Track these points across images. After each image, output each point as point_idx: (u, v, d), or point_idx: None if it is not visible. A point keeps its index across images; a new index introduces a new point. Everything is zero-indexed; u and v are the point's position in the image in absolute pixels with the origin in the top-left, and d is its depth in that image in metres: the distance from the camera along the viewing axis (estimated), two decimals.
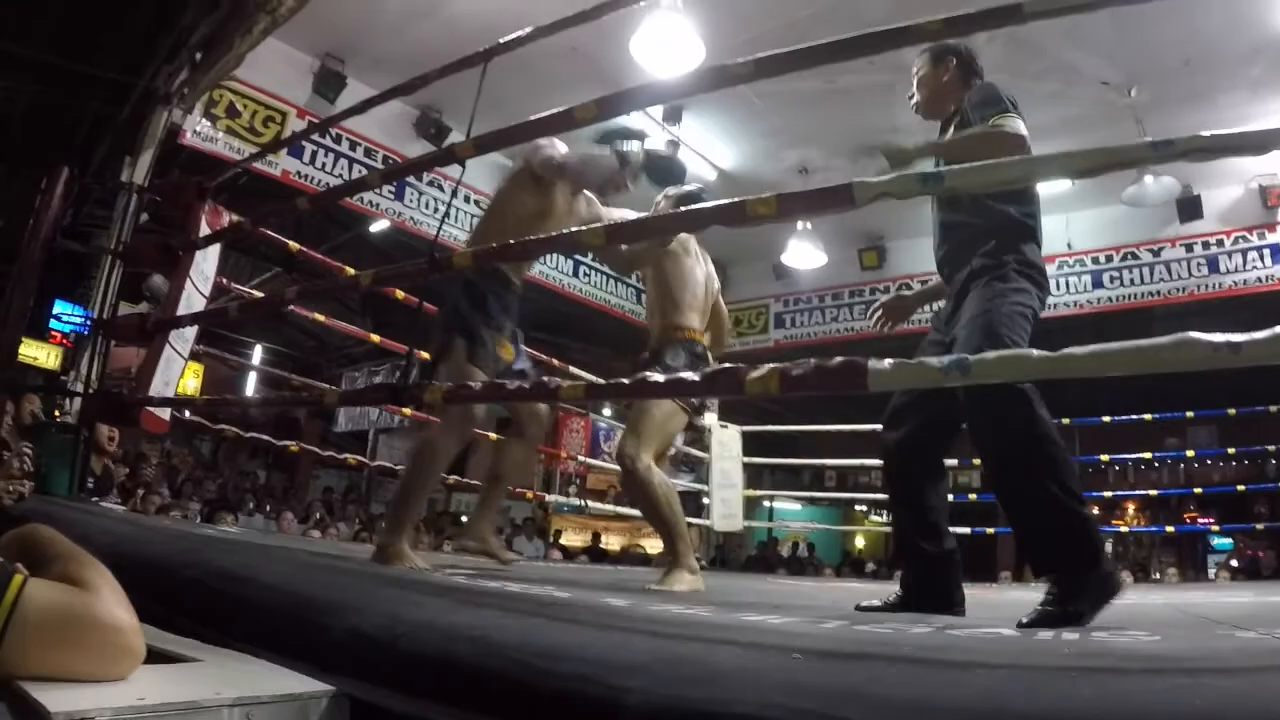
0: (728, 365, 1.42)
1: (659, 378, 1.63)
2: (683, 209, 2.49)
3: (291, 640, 1.18)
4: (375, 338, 5.16)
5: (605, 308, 8.54)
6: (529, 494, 7.16)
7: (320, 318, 5.27)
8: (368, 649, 1.08)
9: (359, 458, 7.23)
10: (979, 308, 2.14)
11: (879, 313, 2.79)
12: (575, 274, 8.25)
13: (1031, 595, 2.21)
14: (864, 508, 13.26)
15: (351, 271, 4.03)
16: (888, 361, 1.20)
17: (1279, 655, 1.28)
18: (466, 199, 7.11)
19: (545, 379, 2.08)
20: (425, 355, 3.04)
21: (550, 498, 8.00)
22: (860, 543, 14.37)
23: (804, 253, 7.84)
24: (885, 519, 13.26)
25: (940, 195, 2.28)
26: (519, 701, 0.92)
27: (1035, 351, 1.15)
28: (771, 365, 1.33)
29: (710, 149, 7.06)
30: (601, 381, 1.84)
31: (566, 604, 1.65)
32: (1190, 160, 1.23)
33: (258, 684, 0.99)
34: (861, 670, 0.97)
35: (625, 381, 1.70)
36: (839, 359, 1.24)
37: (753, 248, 8.55)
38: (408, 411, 4.79)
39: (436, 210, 6.93)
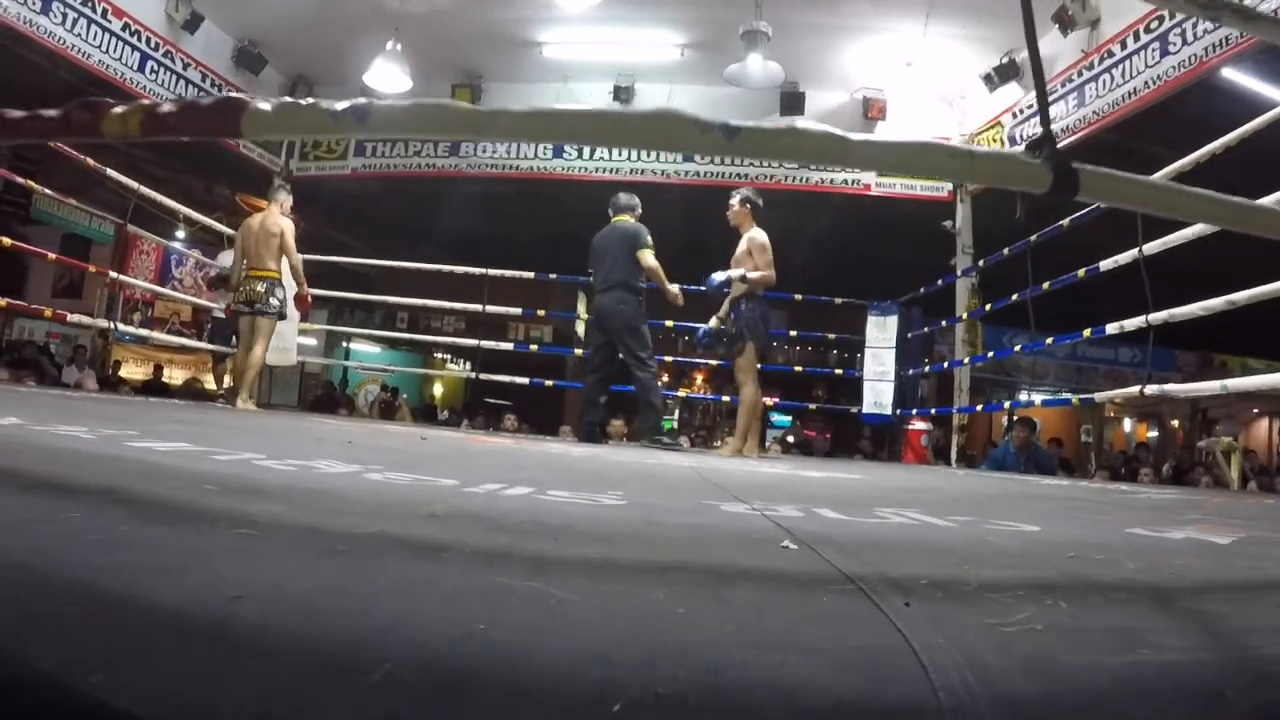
0: (90, 99, 1.08)
1: None
2: None
3: None
4: None
5: None
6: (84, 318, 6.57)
7: None
8: None
9: None
10: None
11: None
12: None
13: None
14: (443, 354, 13.11)
15: None
16: (269, 103, 0.97)
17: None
18: None
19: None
20: None
21: (103, 323, 7.22)
22: (439, 389, 14.35)
23: (389, 75, 7.14)
24: (463, 366, 13.48)
25: None
26: None
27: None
28: (139, 103, 1.03)
29: None
30: None
31: None
32: None
33: None
34: None
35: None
36: (214, 96, 0.98)
37: (340, 67, 7.73)
38: None
39: None
